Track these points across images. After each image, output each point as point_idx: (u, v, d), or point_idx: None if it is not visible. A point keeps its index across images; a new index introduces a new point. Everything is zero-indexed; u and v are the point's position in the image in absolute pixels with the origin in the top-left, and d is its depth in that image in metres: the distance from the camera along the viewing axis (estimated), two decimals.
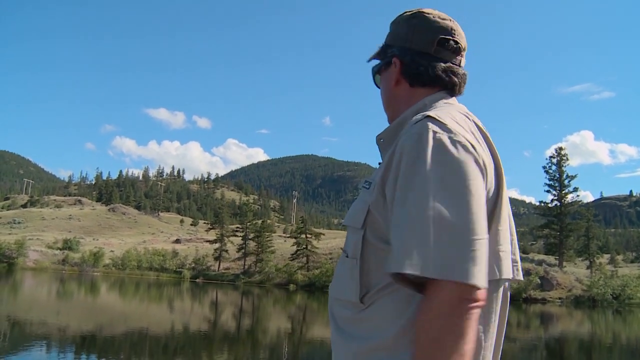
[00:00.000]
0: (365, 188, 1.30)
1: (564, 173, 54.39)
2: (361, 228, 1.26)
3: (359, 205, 1.29)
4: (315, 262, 57.26)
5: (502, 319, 1.33)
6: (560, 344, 20.42)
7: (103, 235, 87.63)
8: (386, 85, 1.46)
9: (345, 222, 1.34)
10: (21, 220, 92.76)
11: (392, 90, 1.44)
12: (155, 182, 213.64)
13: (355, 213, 1.29)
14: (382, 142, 1.40)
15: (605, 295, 43.04)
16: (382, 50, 1.48)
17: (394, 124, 1.38)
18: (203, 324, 21.39)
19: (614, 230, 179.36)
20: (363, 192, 1.30)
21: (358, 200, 1.32)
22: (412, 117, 1.31)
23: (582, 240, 55.94)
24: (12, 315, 19.64)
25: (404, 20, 1.44)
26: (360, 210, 1.27)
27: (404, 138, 1.20)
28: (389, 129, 1.40)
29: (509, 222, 1.32)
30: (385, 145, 1.38)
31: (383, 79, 1.48)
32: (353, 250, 1.28)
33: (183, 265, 61.63)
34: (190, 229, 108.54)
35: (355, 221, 1.28)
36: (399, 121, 1.37)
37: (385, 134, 1.40)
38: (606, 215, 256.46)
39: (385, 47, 1.47)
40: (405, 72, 1.40)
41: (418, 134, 1.17)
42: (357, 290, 1.24)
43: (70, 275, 52.35)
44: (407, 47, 1.40)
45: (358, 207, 1.29)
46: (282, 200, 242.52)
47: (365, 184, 1.31)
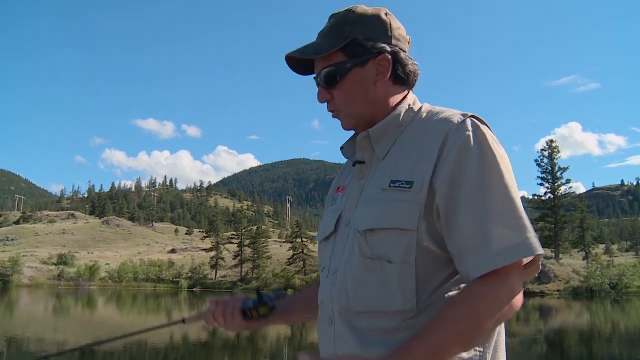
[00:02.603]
0: (404, 188, 1.22)
1: (556, 165, 54.68)
2: (415, 230, 1.19)
3: (401, 206, 1.21)
4: (312, 266, 57.26)
5: None
6: (560, 337, 20.44)
7: (98, 248, 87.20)
8: (365, 84, 1.33)
9: (373, 225, 1.25)
10: (15, 237, 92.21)
11: (376, 90, 1.35)
12: (148, 193, 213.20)
13: (401, 214, 1.20)
14: (367, 140, 1.35)
15: (602, 285, 43.24)
16: (356, 45, 1.32)
17: (385, 122, 1.34)
18: (202, 333, 21.26)
19: (607, 220, 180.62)
20: (401, 193, 1.22)
21: (393, 201, 1.23)
22: (403, 115, 1.34)
23: (577, 232, 56.21)
24: (9, 334, 19.44)
25: (378, 17, 1.35)
26: (410, 211, 1.20)
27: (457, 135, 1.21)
28: (379, 128, 1.34)
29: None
30: (372, 143, 1.34)
31: (357, 77, 1.33)
32: (403, 255, 1.20)
33: (180, 275, 61.47)
34: (186, 239, 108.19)
35: (404, 223, 1.20)
36: (390, 120, 1.34)
37: (375, 132, 1.34)
38: (599, 206, 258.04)
39: (364, 42, 1.32)
40: (394, 71, 1.35)
41: (474, 132, 1.21)
42: (412, 298, 1.19)
43: (67, 291, 52.02)
44: (394, 44, 1.34)
45: (402, 208, 1.21)
46: (276, 205, 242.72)
47: (398, 184, 1.24)
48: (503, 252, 1.11)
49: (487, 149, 1.19)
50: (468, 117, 1.24)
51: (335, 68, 1.33)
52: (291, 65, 1.43)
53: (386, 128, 1.34)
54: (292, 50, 1.38)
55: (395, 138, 1.33)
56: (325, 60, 1.34)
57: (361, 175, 1.37)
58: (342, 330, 1.28)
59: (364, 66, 1.33)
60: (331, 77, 1.34)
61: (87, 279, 58.64)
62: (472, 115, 1.25)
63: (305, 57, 1.36)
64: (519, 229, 1.13)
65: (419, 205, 1.19)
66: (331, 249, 1.40)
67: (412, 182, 1.22)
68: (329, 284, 1.35)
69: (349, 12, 1.35)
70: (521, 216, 1.14)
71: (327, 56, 1.33)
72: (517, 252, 1.12)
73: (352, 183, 1.41)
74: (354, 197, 1.37)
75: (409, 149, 1.28)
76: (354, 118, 1.37)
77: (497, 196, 1.15)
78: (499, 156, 1.19)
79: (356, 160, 1.40)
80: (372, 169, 1.35)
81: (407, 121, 1.35)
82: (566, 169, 54.81)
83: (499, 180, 1.16)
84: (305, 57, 1.36)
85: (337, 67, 1.33)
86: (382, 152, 1.34)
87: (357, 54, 1.32)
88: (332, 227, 1.41)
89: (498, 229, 1.13)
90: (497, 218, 1.13)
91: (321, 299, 1.40)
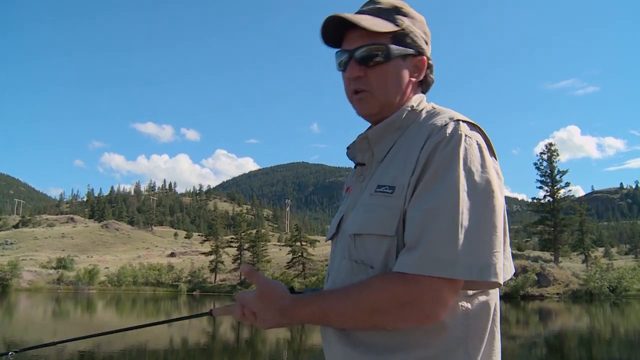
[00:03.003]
0: (387, 193, 1.23)
1: (555, 169, 54.69)
2: (394, 235, 1.20)
3: (383, 211, 1.22)
4: (311, 270, 57.20)
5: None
6: (559, 340, 20.44)
7: (97, 252, 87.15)
8: (403, 76, 1.34)
9: (361, 230, 1.26)
10: (13, 241, 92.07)
11: (408, 85, 1.37)
12: (147, 197, 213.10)
13: (382, 220, 1.21)
14: (366, 141, 1.37)
15: (602, 288, 43.20)
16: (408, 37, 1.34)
17: (386, 123, 1.35)
18: (202, 337, 21.25)
19: (606, 223, 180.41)
20: (384, 198, 1.23)
21: (376, 206, 1.24)
22: (405, 117, 1.34)
23: (576, 235, 56.19)
24: (7, 338, 19.41)
25: (423, 21, 1.40)
26: (390, 217, 1.20)
27: (434, 138, 1.20)
28: (378, 128, 1.35)
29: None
30: (372, 145, 1.36)
31: (398, 65, 1.33)
32: (384, 260, 1.21)
33: (179, 279, 61.39)
34: (185, 242, 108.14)
35: (384, 228, 1.21)
36: (391, 121, 1.34)
37: (374, 132, 1.36)
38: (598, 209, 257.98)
39: (415, 38, 1.35)
40: (425, 75, 1.40)
41: (451, 134, 1.19)
42: None
43: (66, 294, 51.91)
44: (427, 51, 1.40)
45: (383, 213, 1.22)
46: (275, 209, 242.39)
47: (382, 189, 1.25)
48: (432, 262, 1.10)
49: (453, 152, 1.17)
50: (454, 120, 1.24)
51: (383, 49, 1.31)
52: (325, 30, 1.36)
53: (385, 129, 1.35)
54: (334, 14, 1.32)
55: (394, 140, 1.34)
56: (370, 36, 1.31)
57: (362, 177, 1.39)
58: (333, 330, 1.30)
59: (404, 59, 1.34)
60: (374, 56, 1.31)
61: (86, 283, 58.56)
62: (460, 120, 1.24)
63: (360, 25, 1.29)
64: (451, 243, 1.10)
65: (399, 211, 1.20)
66: (333, 249, 1.43)
67: (394, 187, 1.23)
68: (326, 285, 1.40)
69: (399, 4, 1.37)
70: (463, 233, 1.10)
71: (373, 33, 1.30)
72: (434, 268, 1.10)
73: (355, 185, 1.42)
74: (353, 200, 1.38)
75: (401, 152, 1.29)
76: (380, 104, 1.34)
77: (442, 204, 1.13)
78: (464, 161, 1.16)
79: (357, 162, 1.41)
80: (371, 171, 1.36)
81: (407, 123, 1.34)
82: (565, 172, 54.85)
83: (449, 187, 1.13)
84: (360, 24, 1.29)
85: (385, 48, 1.31)
86: (381, 154, 1.35)
87: (405, 45, 1.33)
88: (334, 229, 1.44)
89: (432, 235, 1.11)
90: (436, 225, 1.11)
91: None
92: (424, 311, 1.12)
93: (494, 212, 1.14)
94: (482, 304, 1.23)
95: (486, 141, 1.25)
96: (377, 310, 1.14)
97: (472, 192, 1.13)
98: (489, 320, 1.23)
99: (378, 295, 1.13)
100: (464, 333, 1.18)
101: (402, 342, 1.18)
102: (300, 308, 1.25)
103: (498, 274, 1.12)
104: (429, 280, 1.10)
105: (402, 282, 1.12)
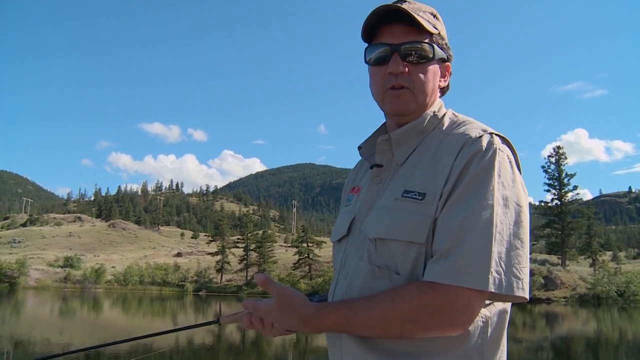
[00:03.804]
0: (416, 199, 1.22)
1: (563, 172, 54.44)
2: (424, 243, 1.19)
3: (412, 217, 1.21)
4: (317, 271, 57.18)
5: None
6: (566, 344, 20.31)
7: (104, 251, 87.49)
8: (437, 78, 1.37)
9: (384, 235, 1.25)
10: (21, 240, 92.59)
11: (436, 87, 1.38)
12: (154, 197, 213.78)
13: (411, 226, 1.21)
14: (387, 143, 1.35)
15: (609, 292, 42.94)
16: (444, 43, 1.37)
17: (409, 127, 1.34)
18: (208, 337, 21.26)
19: (614, 227, 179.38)
20: (413, 204, 1.22)
21: (404, 212, 1.23)
22: (427, 122, 1.34)
23: (584, 239, 55.90)
24: (15, 335, 19.50)
25: (445, 30, 1.40)
26: (419, 224, 1.20)
27: (470, 149, 1.21)
28: (402, 132, 1.34)
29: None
30: (393, 147, 1.34)
31: (437, 67, 1.35)
32: (411, 267, 1.21)
33: (185, 279, 61.51)
34: (191, 242, 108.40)
35: (414, 235, 1.20)
36: (414, 125, 1.34)
37: (397, 135, 1.34)
38: (606, 213, 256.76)
39: (446, 46, 1.38)
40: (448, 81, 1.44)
41: (486, 147, 1.20)
42: None
43: (73, 293, 52.15)
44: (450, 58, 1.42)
45: (412, 219, 1.21)
46: (281, 210, 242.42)
47: (411, 194, 1.24)
48: (465, 273, 1.10)
49: (490, 165, 1.18)
50: (487, 132, 1.25)
51: (430, 48, 1.31)
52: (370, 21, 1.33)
53: (409, 133, 1.34)
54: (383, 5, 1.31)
55: (416, 144, 1.33)
56: (417, 34, 1.30)
57: (378, 179, 1.37)
58: (355, 340, 1.27)
59: (440, 63, 1.36)
60: (421, 54, 1.30)
61: (92, 282, 58.81)
62: (494, 133, 1.26)
63: (417, 21, 1.28)
64: (484, 255, 1.11)
65: (430, 218, 1.19)
66: (343, 252, 1.40)
67: (425, 194, 1.22)
68: (340, 288, 1.36)
69: (433, 10, 1.39)
70: (497, 245, 1.12)
71: (420, 31, 1.30)
72: (466, 279, 1.10)
73: (368, 186, 1.40)
74: (369, 202, 1.36)
75: (427, 158, 1.28)
76: (417, 103, 1.33)
77: (477, 215, 1.13)
78: (498, 175, 1.17)
79: (374, 163, 1.39)
80: (390, 174, 1.35)
81: (430, 128, 1.34)
82: (573, 175, 54.60)
83: (486, 200, 1.14)
84: (418, 20, 1.28)
85: (430, 48, 1.31)
86: (402, 158, 1.33)
87: (442, 49, 1.36)
88: (344, 230, 1.41)
89: (465, 246, 1.12)
90: (470, 236, 1.12)
91: (331, 300, 1.40)
92: (453, 321, 1.13)
93: (522, 228, 1.16)
94: (499, 312, 1.25)
95: (514, 155, 1.27)
96: (408, 319, 1.13)
97: (505, 207, 1.15)
98: (505, 328, 1.26)
99: (410, 304, 1.13)
100: (482, 340, 1.20)
101: (423, 349, 1.18)
102: (324, 317, 1.21)
103: (525, 289, 1.14)
104: (460, 291, 1.10)
105: (432, 291, 1.12)
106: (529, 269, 1.21)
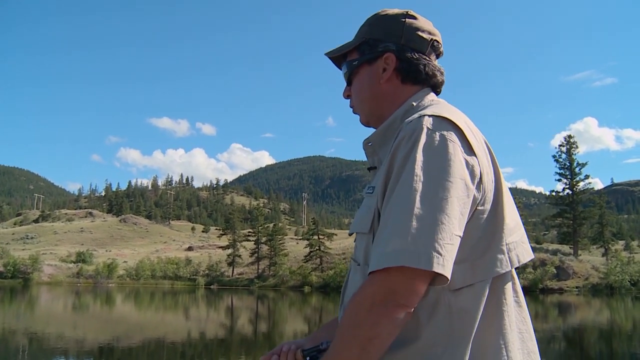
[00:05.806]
0: (369, 194, 1.28)
1: (574, 161, 54.08)
2: (369, 232, 1.23)
3: (363, 211, 1.29)
4: (328, 263, 57.28)
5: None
6: (579, 334, 20.25)
7: (115, 246, 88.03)
8: (371, 81, 1.39)
9: (352, 229, 1.35)
10: (34, 236, 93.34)
11: (380, 87, 1.38)
12: (164, 191, 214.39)
13: (361, 219, 1.28)
14: (371, 146, 1.38)
15: (623, 282, 42.73)
16: (366, 44, 1.40)
17: (384, 126, 1.35)
18: (220, 330, 21.38)
19: (627, 216, 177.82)
20: (367, 198, 1.29)
21: (362, 206, 1.31)
22: (403, 116, 1.32)
23: (595, 228, 55.56)
24: (30, 330, 19.71)
25: (395, 18, 1.40)
26: (366, 216, 1.26)
27: (399, 135, 1.20)
28: (378, 133, 1.36)
29: (516, 217, 1.28)
30: (376, 149, 1.36)
31: (364, 74, 1.41)
32: (363, 257, 1.26)
33: (197, 273, 61.80)
34: (202, 236, 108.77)
35: (362, 227, 1.27)
36: (389, 122, 1.34)
37: (375, 137, 1.37)
38: (618, 202, 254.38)
39: (373, 42, 1.39)
40: (400, 69, 1.37)
41: (414, 130, 1.17)
42: None
43: (85, 288, 52.59)
44: (403, 43, 1.37)
45: (363, 213, 1.29)
46: (291, 202, 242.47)
47: (368, 189, 1.30)
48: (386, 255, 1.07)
49: (413, 147, 1.14)
50: (424, 115, 1.19)
51: (348, 65, 1.45)
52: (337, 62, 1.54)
53: (385, 132, 1.34)
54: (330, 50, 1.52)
55: (387, 142, 1.32)
56: (344, 58, 1.47)
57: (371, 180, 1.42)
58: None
59: (371, 64, 1.40)
60: (346, 75, 1.47)
61: (105, 277, 59.22)
62: (427, 114, 1.20)
63: (330, 56, 1.52)
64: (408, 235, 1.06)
65: (373, 209, 1.23)
66: None
67: (374, 187, 1.26)
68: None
69: (375, 14, 1.45)
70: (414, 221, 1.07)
71: (346, 55, 1.47)
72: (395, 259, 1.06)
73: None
74: None
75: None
76: (365, 114, 1.44)
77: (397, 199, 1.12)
78: (423, 154, 1.13)
79: (369, 167, 1.43)
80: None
81: (400, 123, 1.32)
82: (585, 165, 54.21)
83: (406, 181, 1.11)
84: (330, 55, 1.51)
85: (348, 64, 1.45)
86: (371, 157, 1.39)
87: (365, 53, 1.41)
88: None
89: (389, 230, 1.10)
90: (394, 219, 1.10)
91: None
92: (387, 304, 1.07)
93: (451, 204, 1.09)
94: (471, 299, 1.16)
95: (459, 134, 1.18)
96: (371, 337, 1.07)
97: (427, 184, 1.10)
98: (478, 315, 1.15)
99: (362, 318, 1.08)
100: (449, 329, 1.14)
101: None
102: None
103: (446, 265, 1.06)
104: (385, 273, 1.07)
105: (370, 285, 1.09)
106: (517, 241, 1.23)
